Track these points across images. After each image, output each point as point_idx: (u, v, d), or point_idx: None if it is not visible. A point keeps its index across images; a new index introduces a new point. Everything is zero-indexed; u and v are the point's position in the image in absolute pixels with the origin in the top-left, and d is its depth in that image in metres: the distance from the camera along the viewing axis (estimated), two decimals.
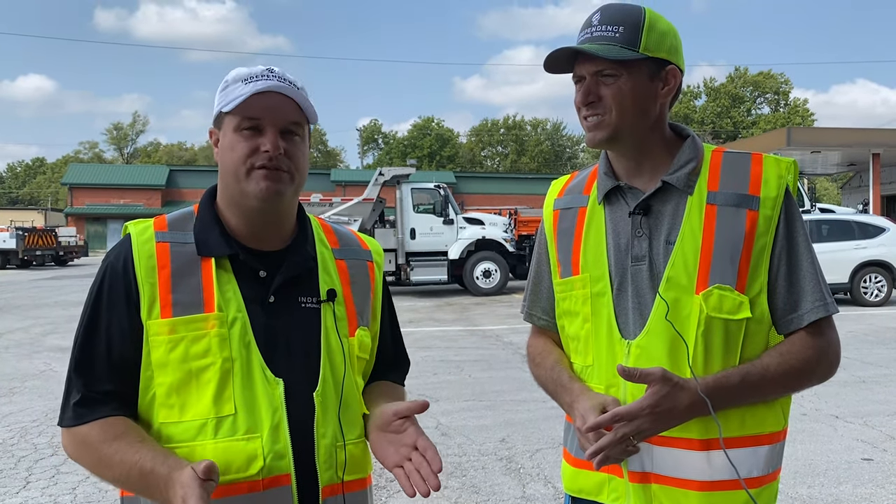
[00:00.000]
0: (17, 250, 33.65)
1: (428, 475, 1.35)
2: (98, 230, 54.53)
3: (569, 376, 1.65)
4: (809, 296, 1.53)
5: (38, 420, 6.65)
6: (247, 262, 1.46)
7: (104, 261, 1.48)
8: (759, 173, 1.56)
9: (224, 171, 1.46)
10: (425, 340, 11.15)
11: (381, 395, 1.60)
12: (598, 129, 1.57)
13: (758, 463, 1.54)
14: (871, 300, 14.98)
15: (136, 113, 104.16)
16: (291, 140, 1.44)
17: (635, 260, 1.58)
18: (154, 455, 1.31)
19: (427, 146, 77.40)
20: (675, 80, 1.59)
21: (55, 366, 9.27)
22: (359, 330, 1.55)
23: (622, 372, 1.42)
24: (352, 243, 1.64)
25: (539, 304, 1.81)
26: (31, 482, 5.02)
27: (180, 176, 59.40)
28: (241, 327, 1.41)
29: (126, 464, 1.32)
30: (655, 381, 1.42)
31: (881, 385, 7.76)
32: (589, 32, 1.57)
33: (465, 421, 6.48)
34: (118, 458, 1.33)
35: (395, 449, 1.43)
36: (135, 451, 1.33)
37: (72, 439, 1.40)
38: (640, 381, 1.43)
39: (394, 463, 1.41)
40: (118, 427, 1.37)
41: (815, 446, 5.64)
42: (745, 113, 72.84)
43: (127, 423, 1.38)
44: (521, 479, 4.97)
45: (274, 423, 1.39)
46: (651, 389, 1.43)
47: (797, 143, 23.56)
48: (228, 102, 1.43)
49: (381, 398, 1.58)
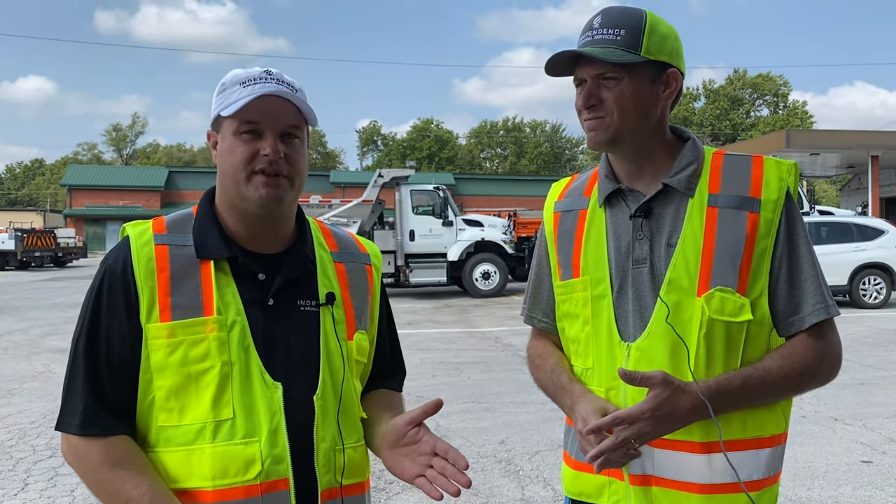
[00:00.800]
0: (16, 251, 33.63)
1: (454, 474, 1.36)
2: (97, 231, 54.49)
3: (569, 378, 1.65)
4: (811, 298, 1.53)
5: (36, 422, 6.64)
6: (246, 264, 1.45)
7: (102, 263, 1.47)
8: (760, 176, 1.56)
9: (223, 175, 1.45)
10: (424, 342, 11.14)
11: (383, 408, 1.59)
12: (599, 132, 1.57)
13: (759, 466, 1.54)
14: (870, 302, 14.99)
15: (135, 114, 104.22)
16: (291, 143, 1.44)
17: (636, 262, 1.58)
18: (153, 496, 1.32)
19: (426, 148, 77.41)
20: (675, 83, 1.59)
21: (54, 367, 9.26)
22: (357, 333, 1.54)
23: (623, 375, 1.42)
24: (350, 247, 1.63)
25: (539, 307, 1.81)
26: (29, 484, 5.01)
27: (179, 177, 59.39)
28: (240, 331, 1.40)
29: (123, 495, 1.33)
30: (656, 384, 1.42)
31: (880, 387, 7.76)
32: (590, 35, 1.57)
33: (464, 423, 6.47)
34: (116, 488, 1.34)
35: (413, 460, 1.42)
36: (135, 486, 1.33)
37: (71, 450, 1.40)
38: (641, 385, 1.43)
39: (415, 474, 1.41)
40: (118, 450, 1.37)
41: (814, 449, 5.64)
42: (745, 115, 72.92)
43: (127, 447, 1.38)
44: (520, 482, 4.97)
45: (272, 427, 1.38)
46: (652, 393, 1.43)
47: (796, 145, 23.59)
48: (227, 106, 1.42)
49: (385, 411, 1.57)
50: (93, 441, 1.37)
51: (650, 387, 1.43)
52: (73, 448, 1.39)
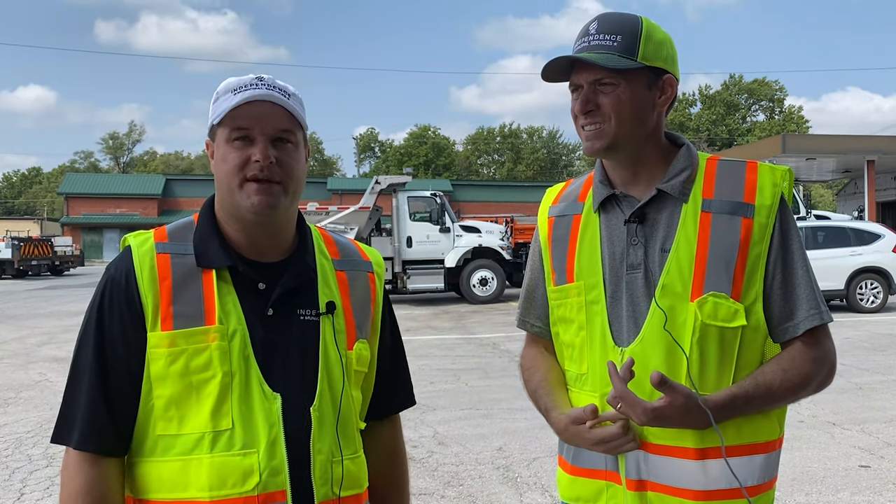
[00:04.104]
0: (13, 260, 33.56)
1: None
2: (94, 240, 54.40)
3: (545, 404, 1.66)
4: (804, 304, 1.53)
5: (32, 431, 6.61)
6: (246, 273, 1.45)
7: (105, 274, 1.46)
8: (755, 181, 1.56)
9: (219, 183, 1.45)
10: (422, 349, 11.13)
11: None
12: (597, 139, 1.57)
13: (754, 472, 1.53)
14: (867, 307, 14.97)
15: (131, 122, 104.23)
16: (283, 148, 1.43)
17: (630, 268, 1.58)
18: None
19: (423, 154, 77.44)
20: (671, 89, 1.60)
21: (50, 376, 9.21)
22: (357, 343, 1.53)
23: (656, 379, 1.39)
24: (352, 254, 1.62)
25: (533, 312, 1.80)
26: (25, 494, 4.99)
27: (177, 185, 59.40)
28: (240, 340, 1.40)
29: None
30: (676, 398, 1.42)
31: (878, 392, 7.77)
32: (586, 41, 1.57)
33: (462, 430, 6.46)
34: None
35: None
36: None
37: (64, 463, 1.40)
38: (664, 391, 1.42)
39: None
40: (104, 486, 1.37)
41: (812, 453, 5.63)
42: (741, 120, 73.11)
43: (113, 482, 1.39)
44: (518, 488, 4.95)
45: (271, 439, 1.37)
46: (666, 401, 1.42)
47: (792, 150, 23.64)
48: (218, 114, 1.42)
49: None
50: (85, 461, 1.37)
51: (668, 395, 1.43)
52: (66, 462, 1.39)
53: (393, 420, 1.69)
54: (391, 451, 1.67)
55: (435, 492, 4.91)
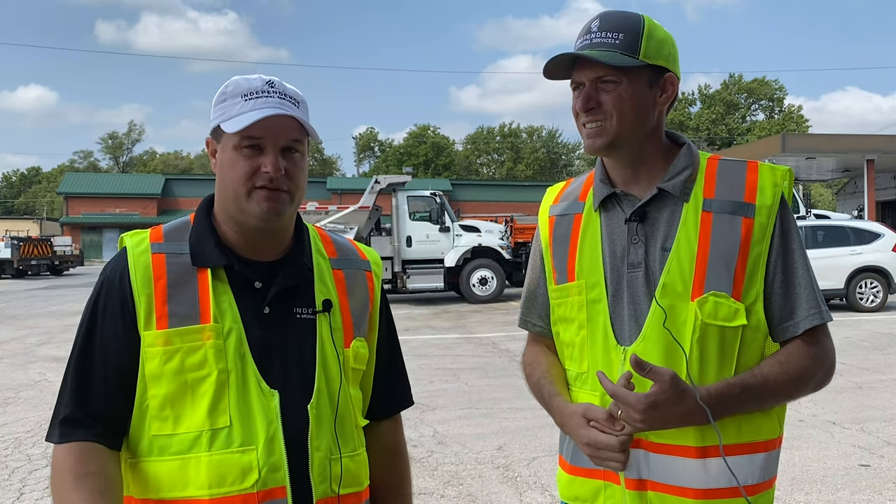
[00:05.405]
0: (13, 260, 33.57)
1: None
2: (94, 239, 54.40)
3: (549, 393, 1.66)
4: (804, 304, 1.53)
5: (32, 431, 6.62)
6: (242, 272, 1.45)
7: (101, 274, 1.47)
8: (755, 181, 1.56)
9: (223, 187, 1.45)
10: (422, 348, 11.13)
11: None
12: (598, 137, 1.57)
13: (753, 471, 1.53)
14: (867, 306, 14.98)
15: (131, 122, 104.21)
16: (291, 157, 1.44)
17: (631, 267, 1.58)
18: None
19: (423, 154, 77.47)
20: (672, 87, 1.60)
21: (50, 376, 9.23)
22: (355, 341, 1.53)
23: (634, 362, 1.41)
24: (350, 253, 1.62)
25: (535, 311, 1.80)
26: (24, 493, 4.98)
27: (176, 185, 59.39)
28: (236, 338, 1.40)
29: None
30: (664, 381, 1.41)
31: (878, 391, 7.77)
32: (588, 39, 1.57)
33: (461, 429, 6.46)
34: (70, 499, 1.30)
35: None
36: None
37: (53, 460, 1.39)
38: (649, 377, 1.42)
39: None
40: (90, 464, 1.34)
41: (812, 452, 5.64)
42: (740, 119, 73.13)
43: (101, 461, 1.35)
44: (518, 488, 4.95)
45: (269, 436, 1.37)
46: (656, 387, 1.42)
47: (792, 149, 23.65)
48: (228, 119, 1.41)
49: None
50: (68, 447, 1.36)
51: (656, 381, 1.42)
52: (53, 457, 1.38)
53: (394, 419, 1.69)
54: (392, 451, 1.67)
55: (435, 491, 4.91)
